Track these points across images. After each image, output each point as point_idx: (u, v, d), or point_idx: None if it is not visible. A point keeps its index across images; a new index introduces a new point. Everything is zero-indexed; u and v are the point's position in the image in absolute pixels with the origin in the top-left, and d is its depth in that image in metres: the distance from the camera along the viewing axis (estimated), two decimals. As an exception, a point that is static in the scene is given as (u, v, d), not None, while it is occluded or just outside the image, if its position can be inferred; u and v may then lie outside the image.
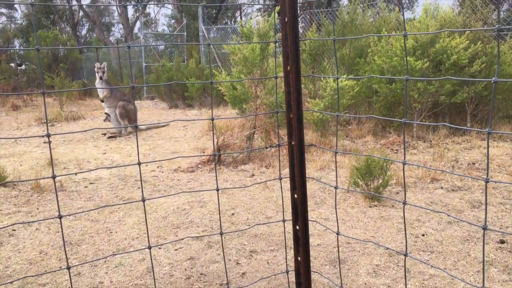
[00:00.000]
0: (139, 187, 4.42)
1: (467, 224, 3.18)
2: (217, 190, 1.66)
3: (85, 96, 13.88)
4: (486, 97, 5.80)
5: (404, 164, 1.30)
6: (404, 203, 1.38)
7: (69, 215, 3.18)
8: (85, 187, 4.49)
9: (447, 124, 1.17)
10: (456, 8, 7.20)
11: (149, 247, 1.40)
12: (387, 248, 2.86)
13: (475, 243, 2.89)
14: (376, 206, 3.66)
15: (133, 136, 7.30)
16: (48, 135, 1.27)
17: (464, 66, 5.64)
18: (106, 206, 1.62)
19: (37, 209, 3.84)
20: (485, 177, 4.38)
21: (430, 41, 5.56)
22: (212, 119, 1.53)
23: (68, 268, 1.40)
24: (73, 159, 5.69)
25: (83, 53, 18.58)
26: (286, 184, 3.30)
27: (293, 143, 1.51)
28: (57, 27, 24.08)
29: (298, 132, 1.50)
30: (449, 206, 3.55)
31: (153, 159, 5.53)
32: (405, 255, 1.37)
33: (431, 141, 5.74)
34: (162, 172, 4.98)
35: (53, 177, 1.34)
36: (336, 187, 1.50)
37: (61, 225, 1.41)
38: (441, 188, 4.02)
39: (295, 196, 1.55)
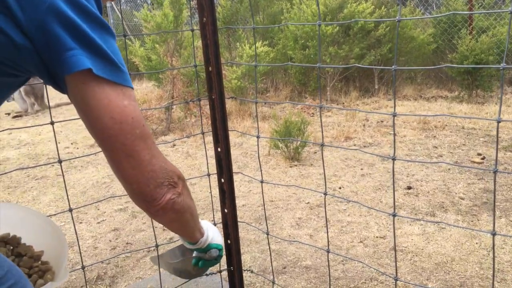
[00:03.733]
0: (52, 165, 4.17)
1: (378, 175, 3.43)
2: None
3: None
4: (391, 59, 6.19)
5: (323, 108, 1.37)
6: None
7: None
8: (-9, 169, 4.15)
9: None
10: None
11: (70, 210, 1.34)
12: (308, 203, 3.02)
13: (385, 191, 3.14)
14: (296, 166, 3.81)
15: (41, 114, 6.82)
16: None
17: (370, 30, 5.95)
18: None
19: None
20: (392, 133, 4.72)
21: (339, 7, 5.78)
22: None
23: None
24: (-27, 142, 5.21)
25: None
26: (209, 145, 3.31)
27: (213, 96, 1.52)
28: None
29: (218, 85, 1.51)
30: (362, 160, 3.80)
31: (66, 136, 5.24)
32: (325, 193, 1.46)
33: (343, 103, 6.04)
34: (77, 148, 4.73)
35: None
36: (258, 136, 1.53)
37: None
38: (354, 145, 4.27)
39: (219, 149, 1.56)
